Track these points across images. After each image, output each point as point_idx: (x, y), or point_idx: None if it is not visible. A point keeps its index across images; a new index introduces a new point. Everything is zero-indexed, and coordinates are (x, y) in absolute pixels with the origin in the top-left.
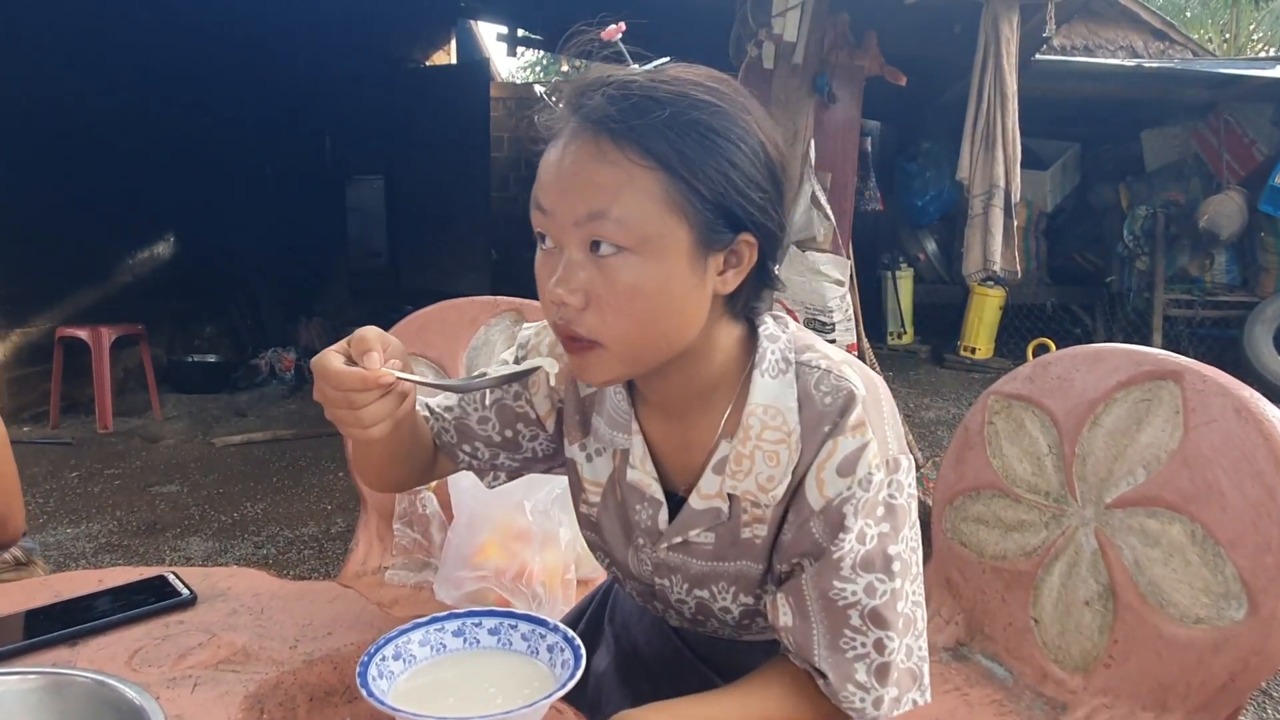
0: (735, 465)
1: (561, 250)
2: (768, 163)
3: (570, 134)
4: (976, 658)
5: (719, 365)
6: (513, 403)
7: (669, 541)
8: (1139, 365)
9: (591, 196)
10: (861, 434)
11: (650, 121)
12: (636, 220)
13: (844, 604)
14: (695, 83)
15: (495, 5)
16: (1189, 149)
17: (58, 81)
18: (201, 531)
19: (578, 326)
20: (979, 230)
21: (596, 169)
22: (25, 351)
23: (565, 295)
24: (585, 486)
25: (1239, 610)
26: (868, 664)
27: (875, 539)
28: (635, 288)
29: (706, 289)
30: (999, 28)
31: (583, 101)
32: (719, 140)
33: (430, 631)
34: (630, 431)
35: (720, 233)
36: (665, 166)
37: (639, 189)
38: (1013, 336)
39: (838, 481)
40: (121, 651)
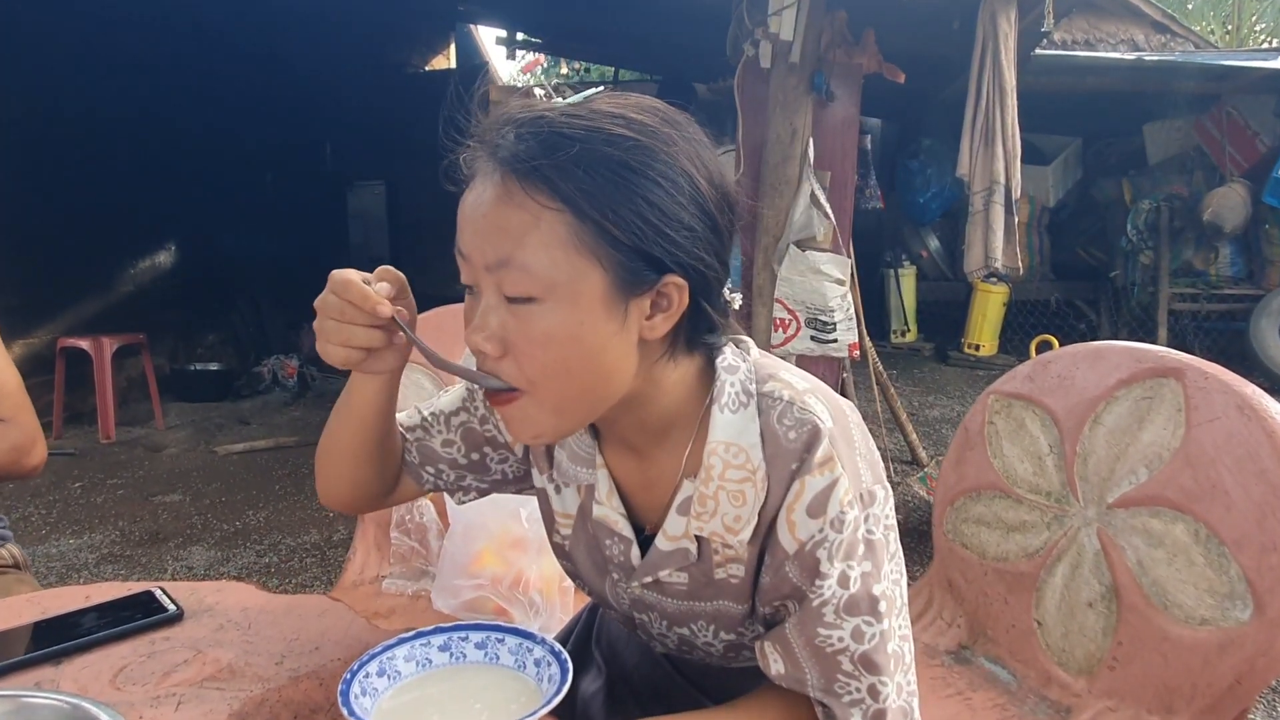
0: (700, 506)
1: (480, 295)
2: (695, 198)
3: (482, 175)
4: (979, 661)
5: (671, 404)
6: (479, 427)
7: (640, 580)
8: (1140, 363)
9: (499, 241)
10: (830, 470)
11: (557, 160)
12: (544, 266)
13: (832, 650)
14: (614, 115)
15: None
16: (1191, 142)
17: (58, 92)
18: (204, 540)
19: (499, 374)
20: (980, 227)
21: (504, 212)
22: (27, 362)
23: (481, 343)
24: (556, 518)
25: (1244, 611)
26: (864, 710)
27: (859, 580)
28: (548, 336)
29: (630, 335)
30: (997, 23)
31: (495, 140)
32: (633, 177)
33: (416, 647)
34: (594, 466)
35: (641, 275)
36: (573, 207)
37: (545, 232)
38: (1017, 333)
39: (809, 524)
40: (106, 670)
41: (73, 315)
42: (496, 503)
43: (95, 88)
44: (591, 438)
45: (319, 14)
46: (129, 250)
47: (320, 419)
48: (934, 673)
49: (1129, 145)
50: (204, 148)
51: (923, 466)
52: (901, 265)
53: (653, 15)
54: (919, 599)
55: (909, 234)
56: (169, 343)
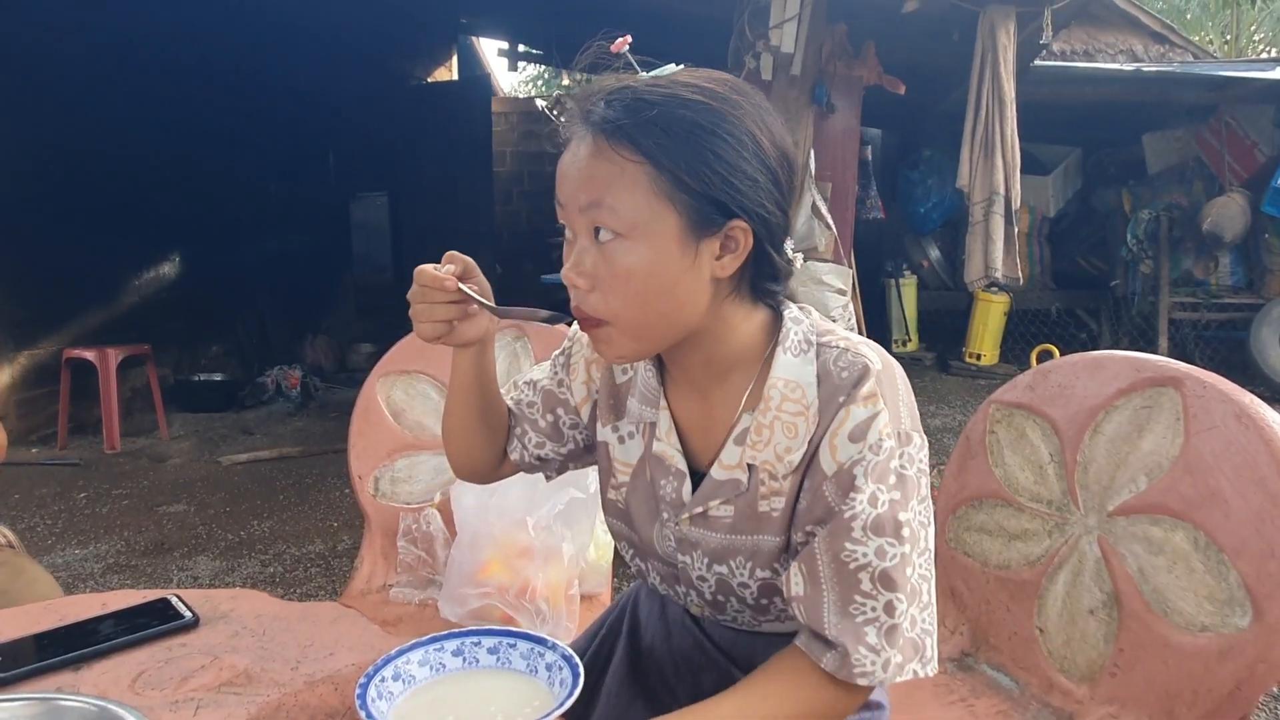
0: (755, 435)
1: (575, 238)
2: (758, 154)
3: (577, 137)
4: (982, 668)
5: (738, 345)
6: (555, 388)
7: (690, 512)
8: (1139, 372)
9: (590, 188)
10: (873, 404)
11: (639, 120)
12: (627, 209)
13: (855, 566)
14: (689, 84)
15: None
16: (1191, 152)
17: (62, 105)
18: (209, 551)
19: (586, 306)
20: (980, 237)
21: (595, 165)
22: (33, 373)
23: (575, 278)
24: (615, 468)
25: (1244, 617)
26: (878, 627)
27: (886, 504)
28: (629, 270)
29: (702, 273)
30: (996, 35)
31: (587, 108)
32: (703, 135)
33: (430, 651)
34: (658, 406)
35: (711, 219)
36: (651, 160)
37: (628, 180)
38: (1018, 342)
39: (849, 446)
40: (125, 675)
41: (78, 326)
42: (503, 512)
43: (100, 101)
44: (657, 382)
45: (322, 27)
46: (134, 261)
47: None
48: (937, 680)
49: (1129, 155)
50: (208, 160)
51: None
52: (903, 275)
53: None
54: None
55: (910, 244)
56: (173, 353)
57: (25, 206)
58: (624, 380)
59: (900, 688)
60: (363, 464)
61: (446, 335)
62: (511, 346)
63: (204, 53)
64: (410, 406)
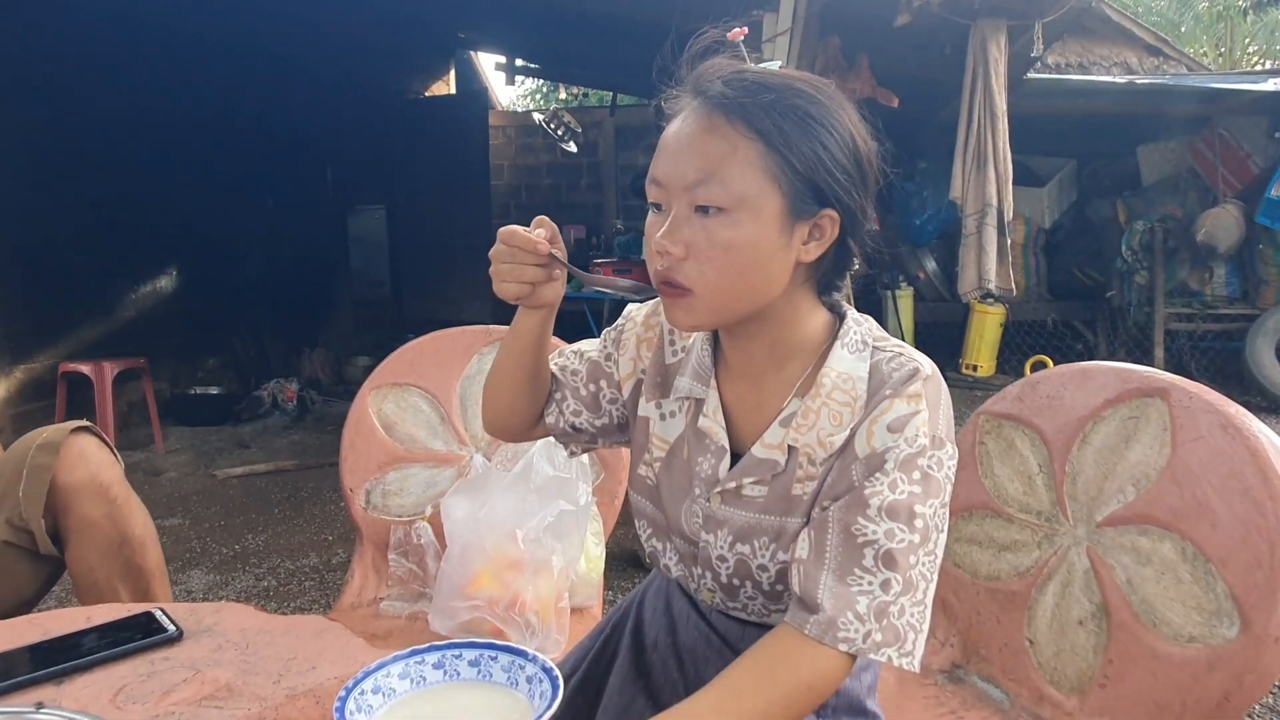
0: (801, 419)
1: (669, 211)
2: (854, 152)
3: (689, 111)
4: (973, 680)
5: (801, 334)
6: (603, 361)
7: (724, 487)
8: (1126, 383)
9: (701, 162)
10: (916, 403)
11: (758, 101)
12: (737, 183)
13: (863, 541)
14: (799, 78)
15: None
16: (1185, 163)
17: (59, 120)
18: (203, 564)
19: (676, 274)
20: (973, 249)
21: (708, 139)
22: (28, 387)
23: (669, 246)
24: (653, 443)
25: (1231, 628)
26: (870, 598)
27: (906, 494)
28: (731, 242)
29: (791, 253)
30: (987, 49)
31: (702, 86)
32: (814, 125)
33: (410, 664)
34: (709, 385)
35: (807, 204)
36: (765, 139)
37: (741, 157)
38: (1014, 353)
39: (886, 435)
40: (106, 689)
41: (74, 340)
42: (493, 524)
43: (97, 115)
44: (711, 362)
45: (320, 41)
46: (130, 275)
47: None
48: (927, 692)
49: (1123, 167)
50: (205, 173)
51: None
52: (899, 286)
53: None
54: None
55: (906, 255)
56: (170, 367)
57: (21, 220)
58: (674, 361)
59: (891, 700)
60: (354, 477)
61: (528, 296)
62: None
63: (202, 68)
64: (401, 419)
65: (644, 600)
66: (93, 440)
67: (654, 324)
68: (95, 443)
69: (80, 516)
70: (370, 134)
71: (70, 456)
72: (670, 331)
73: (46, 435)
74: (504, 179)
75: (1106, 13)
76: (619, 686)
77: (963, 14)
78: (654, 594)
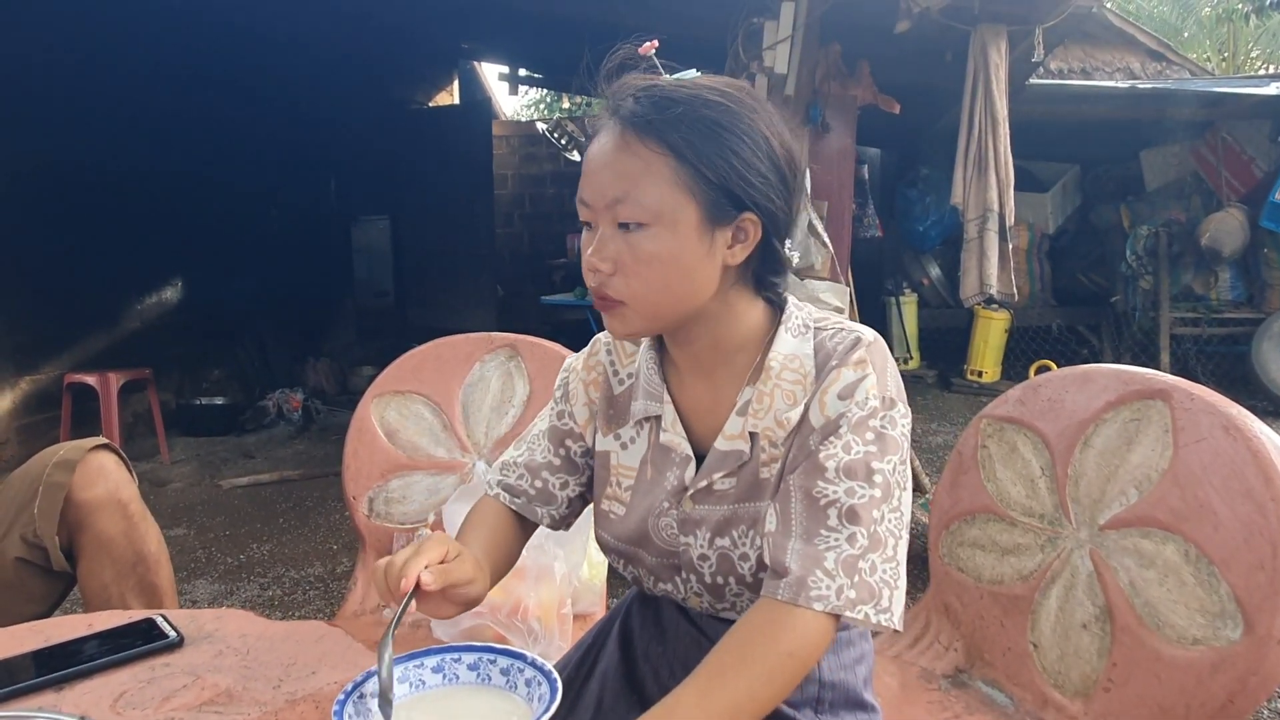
0: (757, 404)
1: (598, 228)
2: (770, 154)
3: (606, 130)
4: (976, 684)
5: (742, 329)
6: (558, 423)
7: (695, 488)
8: (1127, 385)
9: (618, 182)
10: (863, 369)
11: (666, 117)
12: (653, 199)
13: (825, 502)
14: (710, 87)
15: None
16: (1188, 167)
17: (63, 131)
18: (208, 574)
19: (607, 289)
20: (975, 254)
21: (622, 159)
22: (34, 399)
23: (598, 263)
24: (618, 476)
25: (1235, 630)
26: (837, 553)
27: (861, 453)
28: (653, 255)
29: (716, 259)
30: (988, 54)
31: (616, 105)
32: (724, 133)
33: (409, 668)
34: (662, 400)
35: (725, 210)
36: (676, 154)
37: (654, 173)
38: (1019, 359)
39: (837, 403)
40: (107, 695)
41: (79, 351)
42: None
43: (101, 126)
44: (660, 378)
45: (325, 52)
46: (135, 286)
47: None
48: (931, 697)
49: (1126, 171)
50: (210, 185)
51: (925, 493)
52: (903, 293)
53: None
54: (917, 623)
55: (910, 261)
56: (175, 377)
57: (26, 232)
58: (622, 390)
59: (895, 705)
60: (357, 485)
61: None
62: (505, 366)
63: (206, 78)
64: (404, 427)
65: (630, 610)
66: (111, 457)
67: (594, 364)
68: (114, 460)
69: (98, 533)
70: (374, 144)
71: (89, 473)
72: (612, 364)
73: (64, 453)
74: (508, 188)
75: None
76: (610, 701)
77: (963, 20)
78: (641, 605)
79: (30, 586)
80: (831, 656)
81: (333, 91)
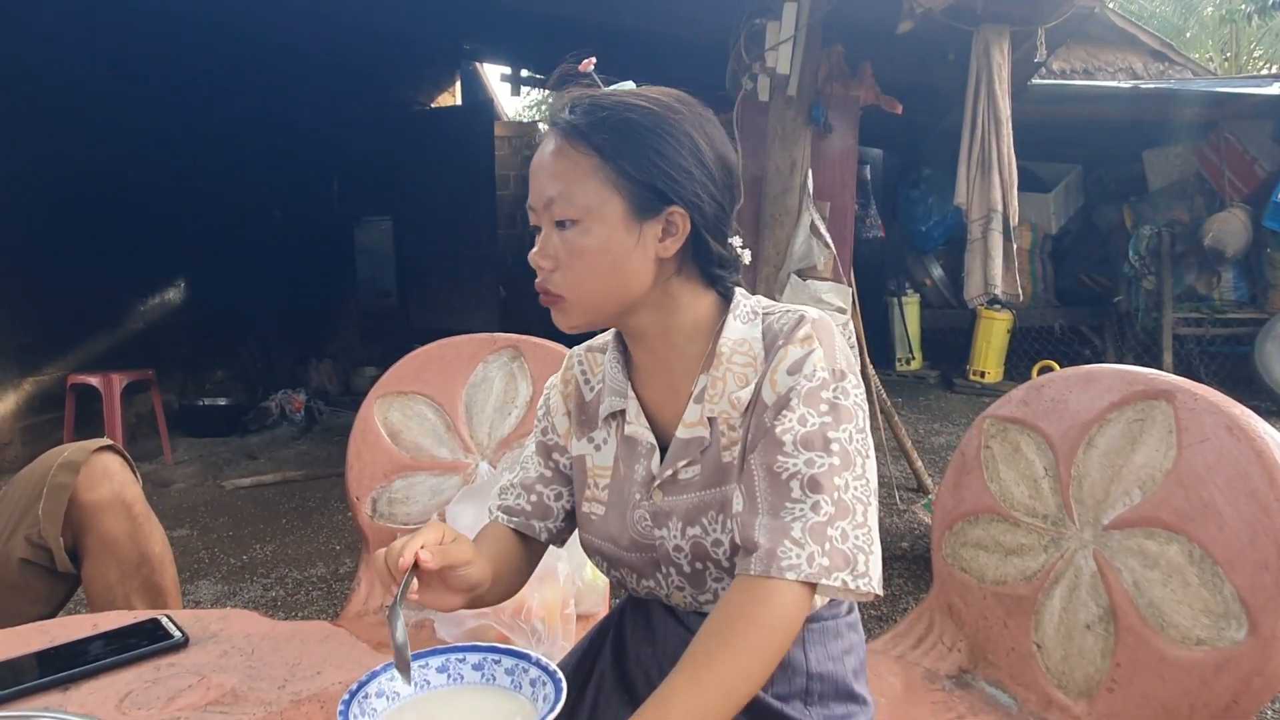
0: (712, 389)
1: (543, 230)
2: (695, 152)
3: (546, 139)
4: (980, 685)
5: (690, 319)
6: (545, 439)
7: (661, 478)
8: (1131, 385)
9: (553, 183)
10: (809, 344)
11: (592, 120)
12: (581, 196)
13: (786, 475)
14: (639, 95)
15: (499, 47)
16: (1191, 168)
17: (67, 132)
18: (211, 575)
19: (549, 284)
20: (979, 254)
21: (556, 162)
22: (37, 399)
23: (540, 260)
24: (593, 477)
25: (1239, 630)
26: (804, 523)
27: (817, 425)
28: (585, 248)
29: (647, 252)
30: (990, 55)
31: (555, 115)
32: (645, 133)
33: (414, 668)
34: (626, 395)
35: (650, 204)
36: (599, 153)
37: (582, 171)
38: (1022, 360)
39: (787, 379)
40: (112, 695)
41: (82, 352)
42: None
43: (105, 127)
44: (624, 376)
45: (327, 54)
46: (138, 287)
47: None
48: (935, 697)
49: (1129, 172)
50: (213, 186)
51: (927, 494)
52: (905, 293)
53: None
54: (920, 623)
55: (912, 262)
56: (178, 378)
57: (30, 233)
58: (592, 395)
59: (898, 705)
60: (360, 485)
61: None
62: (508, 366)
63: (208, 79)
64: (407, 427)
65: (623, 615)
66: (116, 459)
67: (569, 377)
68: (118, 461)
69: (102, 534)
70: (377, 145)
71: (94, 474)
72: (584, 374)
73: (68, 454)
74: (509, 189)
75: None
76: (603, 705)
77: (965, 20)
78: (632, 609)
79: (35, 588)
80: (819, 648)
81: (335, 93)
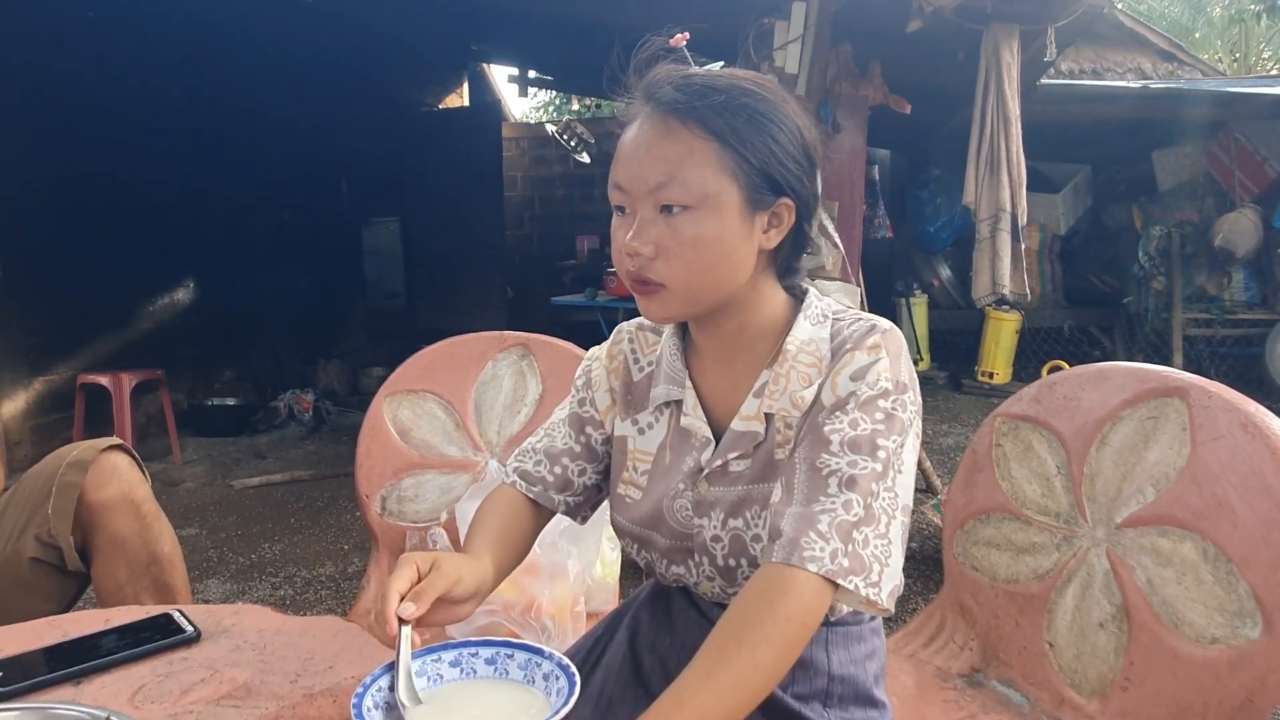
0: (773, 386)
1: (635, 214)
2: (802, 142)
3: (644, 118)
4: (992, 684)
5: (766, 315)
6: (580, 410)
7: (710, 468)
8: (1144, 383)
9: (662, 166)
10: (877, 353)
11: (708, 103)
12: (697, 182)
13: (827, 472)
14: (745, 78)
15: (506, 48)
16: (1201, 168)
17: (76, 133)
18: (220, 574)
19: (648, 272)
20: (987, 254)
21: (665, 144)
22: (47, 399)
23: (639, 247)
24: (634, 459)
25: (1254, 628)
26: (832, 517)
27: (868, 430)
28: (697, 238)
29: (754, 243)
30: (999, 54)
31: (654, 92)
32: (763, 120)
33: (427, 662)
34: (684, 385)
35: (764, 195)
36: (720, 139)
37: (699, 157)
38: (1031, 360)
39: (849, 384)
40: (125, 689)
41: (92, 352)
42: None
43: (114, 128)
44: (682, 364)
45: (335, 55)
46: (148, 287)
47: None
48: (947, 696)
49: (1138, 172)
50: (222, 187)
51: (937, 494)
52: (913, 294)
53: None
54: (931, 622)
55: (920, 262)
56: (187, 378)
57: (41, 234)
58: (641, 377)
59: (910, 704)
60: (370, 484)
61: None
62: (517, 365)
63: (217, 80)
64: (416, 425)
65: (639, 605)
66: (124, 458)
67: (616, 353)
68: (127, 460)
69: (111, 533)
70: (385, 146)
71: (102, 473)
72: (634, 352)
73: (77, 453)
74: (517, 190)
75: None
76: (618, 693)
77: (975, 19)
78: (650, 598)
79: (45, 586)
80: (841, 650)
81: (343, 95)
